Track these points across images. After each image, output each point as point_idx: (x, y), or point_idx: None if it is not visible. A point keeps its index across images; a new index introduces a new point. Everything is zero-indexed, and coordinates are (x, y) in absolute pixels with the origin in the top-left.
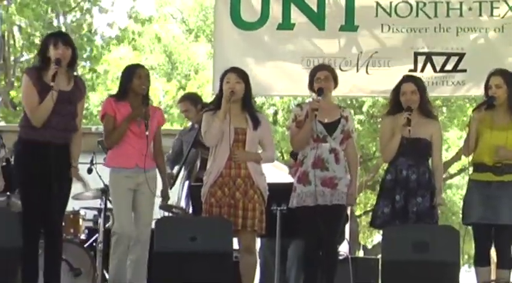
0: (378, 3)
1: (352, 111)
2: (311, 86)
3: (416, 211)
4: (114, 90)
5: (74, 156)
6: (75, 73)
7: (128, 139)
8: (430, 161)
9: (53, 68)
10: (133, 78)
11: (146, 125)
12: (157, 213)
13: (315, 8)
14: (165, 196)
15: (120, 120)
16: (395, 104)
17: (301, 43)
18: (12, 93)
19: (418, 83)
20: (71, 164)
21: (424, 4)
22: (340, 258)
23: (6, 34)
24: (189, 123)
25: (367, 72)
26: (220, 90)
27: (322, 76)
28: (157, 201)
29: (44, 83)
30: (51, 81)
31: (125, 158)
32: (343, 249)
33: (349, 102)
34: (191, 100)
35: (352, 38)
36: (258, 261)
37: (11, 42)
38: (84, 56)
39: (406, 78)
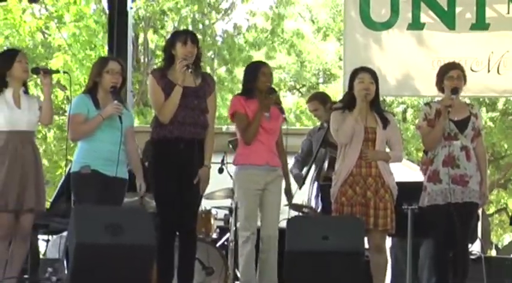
0: None
1: (484, 109)
2: (440, 85)
3: None
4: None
5: (206, 155)
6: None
7: (259, 135)
8: None
9: (183, 63)
10: (259, 75)
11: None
12: (286, 212)
13: (445, 7)
14: (287, 194)
15: (252, 116)
16: None
17: (431, 43)
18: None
19: None
20: (203, 162)
21: None
22: (473, 257)
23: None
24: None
25: (498, 72)
26: (350, 88)
27: (455, 74)
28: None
29: (168, 81)
30: (184, 70)
31: (255, 156)
32: (476, 248)
33: (481, 99)
34: (320, 99)
35: (483, 36)
36: (389, 260)
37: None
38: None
39: None
